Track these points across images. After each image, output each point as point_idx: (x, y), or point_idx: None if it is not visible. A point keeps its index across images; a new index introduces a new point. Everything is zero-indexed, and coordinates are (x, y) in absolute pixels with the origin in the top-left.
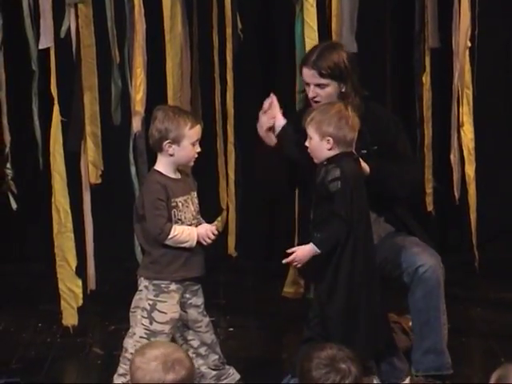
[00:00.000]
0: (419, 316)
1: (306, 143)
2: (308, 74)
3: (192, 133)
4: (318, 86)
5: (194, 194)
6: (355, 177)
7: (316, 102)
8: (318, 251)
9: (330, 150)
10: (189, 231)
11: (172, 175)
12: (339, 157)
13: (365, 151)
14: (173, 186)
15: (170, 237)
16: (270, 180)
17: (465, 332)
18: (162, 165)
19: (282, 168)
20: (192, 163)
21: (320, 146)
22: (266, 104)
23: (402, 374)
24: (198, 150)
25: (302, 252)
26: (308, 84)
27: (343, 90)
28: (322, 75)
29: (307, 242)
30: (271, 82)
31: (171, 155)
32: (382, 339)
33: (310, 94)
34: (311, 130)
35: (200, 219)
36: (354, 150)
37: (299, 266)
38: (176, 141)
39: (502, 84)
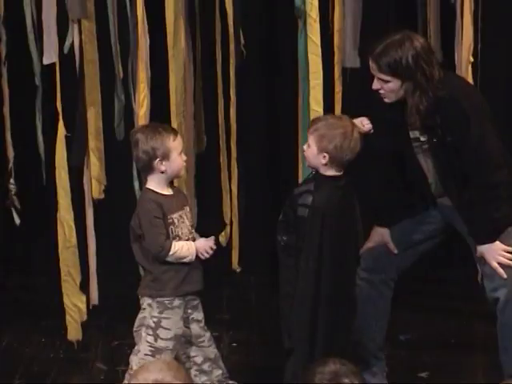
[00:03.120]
0: None
1: (304, 147)
2: (371, 66)
3: (177, 144)
4: (381, 79)
5: (187, 208)
6: (331, 208)
7: (382, 96)
8: None
9: (324, 165)
10: (188, 246)
11: (165, 192)
12: (321, 182)
13: (435, 140)
14: (167, 202)
15: (171, 253)
16: None
17: (469, 347)
18: (154, 183)
19: None
20: (182, 173)
21: (316, 158)
22: None
23: None
24: (185, 158)
25: None
26: (374, 75)
27: (406, 88)
28: (381, 70)
29: None
30: (274, 98)
31: (163, 172)
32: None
33: (374, 86)
34: (311, 139)
35: (194, 233)
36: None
37: None
38: (165, 156)
39: (505, 99)
